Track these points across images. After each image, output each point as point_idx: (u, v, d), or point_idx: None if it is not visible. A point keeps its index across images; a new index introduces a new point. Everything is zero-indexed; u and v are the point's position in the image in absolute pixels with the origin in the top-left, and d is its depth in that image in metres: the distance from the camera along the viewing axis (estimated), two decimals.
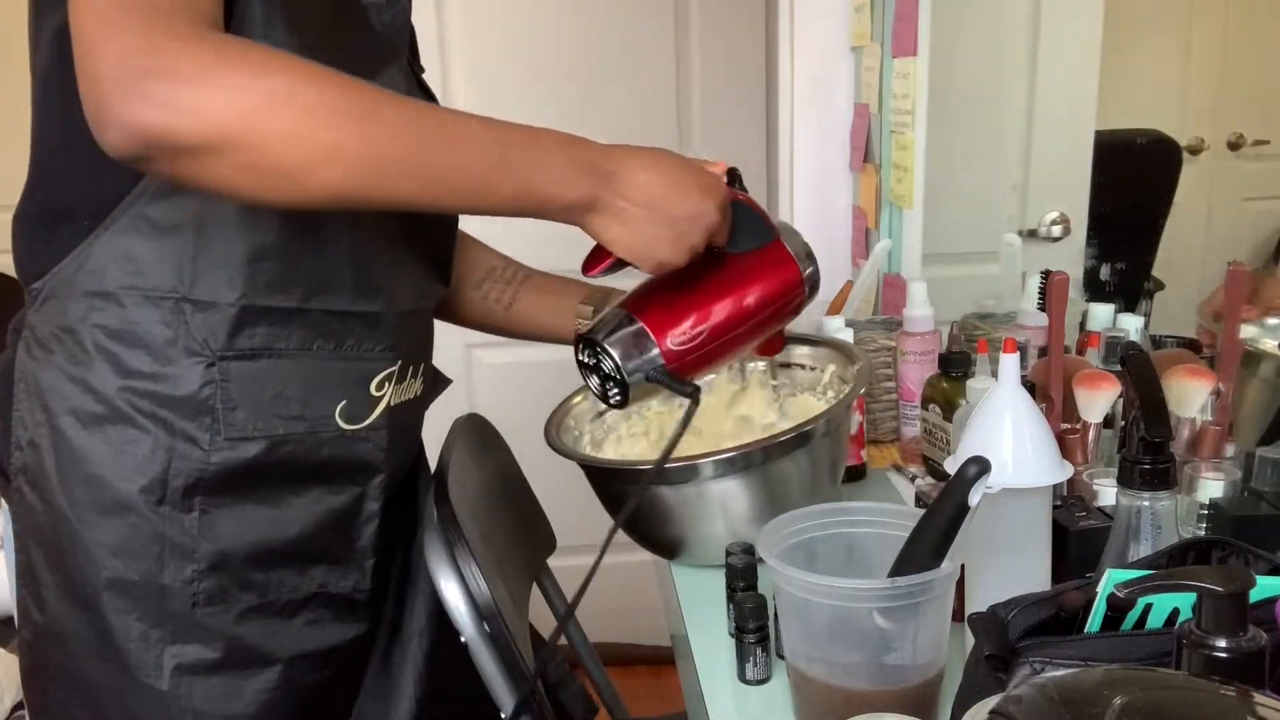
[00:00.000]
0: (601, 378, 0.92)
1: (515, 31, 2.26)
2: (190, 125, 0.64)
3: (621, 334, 0.90)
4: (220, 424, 0.82)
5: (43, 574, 0.84)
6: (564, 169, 0.79)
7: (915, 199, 1.59)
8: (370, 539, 0.91)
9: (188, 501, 0.82)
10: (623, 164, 0.81)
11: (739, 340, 0.94)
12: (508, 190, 0.76)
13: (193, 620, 0.83)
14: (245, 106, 0.65)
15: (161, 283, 0.80)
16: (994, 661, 0.65)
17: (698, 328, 0.90)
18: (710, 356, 0.93)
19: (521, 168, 0.77)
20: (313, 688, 0.90)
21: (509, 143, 0.76)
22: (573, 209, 0.80)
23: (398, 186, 0.72)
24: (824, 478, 1.08)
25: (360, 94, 0.70)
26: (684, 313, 0.91)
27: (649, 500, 1.06)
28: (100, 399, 0.81)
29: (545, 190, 0.78)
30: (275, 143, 0.66)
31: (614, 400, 0.92)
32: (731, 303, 0.92)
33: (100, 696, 0.84)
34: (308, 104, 0.67)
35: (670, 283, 0.90)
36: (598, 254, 0.86)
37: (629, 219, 0.82)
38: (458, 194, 0.75)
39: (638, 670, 2.40)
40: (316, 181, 0.68)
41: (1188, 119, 1.71)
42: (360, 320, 0.87)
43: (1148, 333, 1.33)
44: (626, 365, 0.89)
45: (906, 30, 1.57)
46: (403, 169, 0.72)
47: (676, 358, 0.90)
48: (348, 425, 0.88)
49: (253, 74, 0.66)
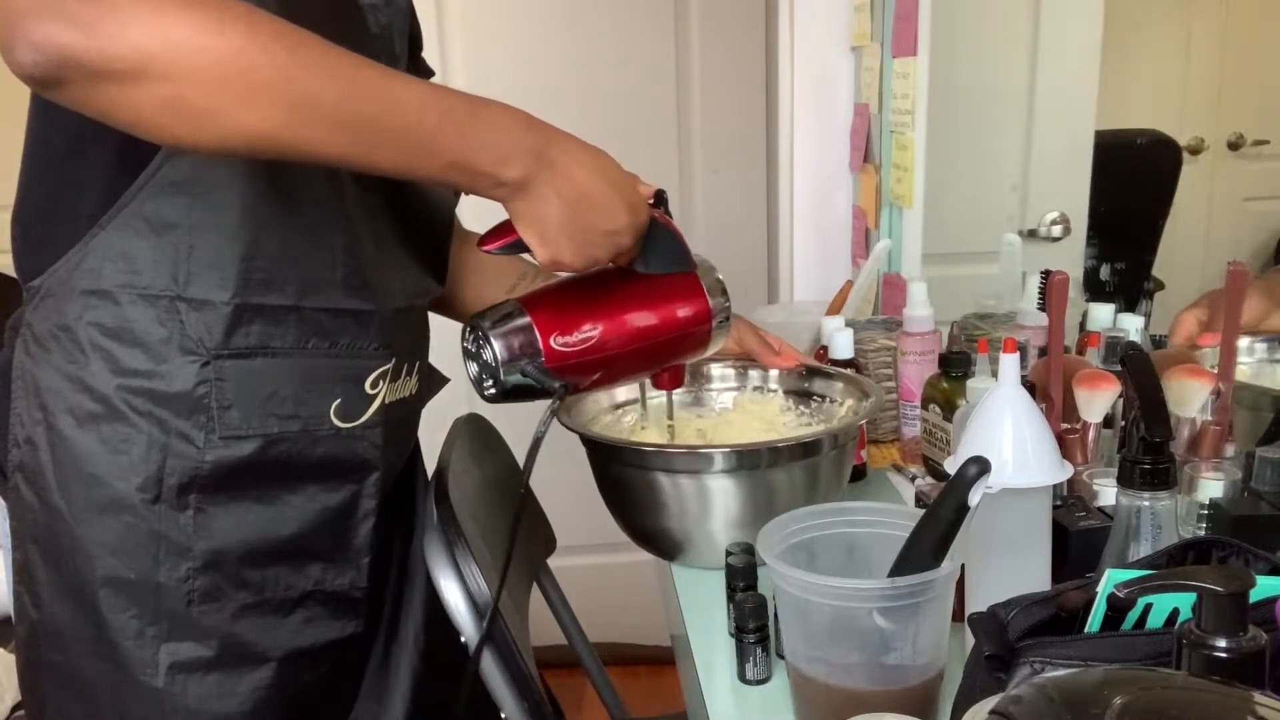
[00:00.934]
0: (480, 365, 0.91)
1: (515, 31, 2.26)
2: (110, 48, 0.62)
3: (507, 325, 0.89)
4: (215, 422, 0.82)
5: (39, 571, 0.84)
6: (506, 147, 0.78)
7: (915, 199, 1.59)
8: (366, 537, 0.91)
9: (183, 499, 0.82)
10: (562, 153, 0.81)
11: (631, 360, 0.94)
12: (443, 159, 0.75)
13: (188, 618, 0.83)
14: (171, 35, 0.63)
15: (156, 281, 0.80)
16: (994, 661, 0.65)
17: (586, 335, 0.90)
18: (593, 368, 0.92)
19: (460, 138, 0.75)
20: (308, 686, 0.90)
21: (452, 110, 0.75)
22: (502, 186, 0.79)
23: (324, 140, 0.70)
24: (823, 493, 1.08)
25: (296, 38, 0.68)
26: (576, 318, 0.90)
27: (643, 489, 1.06)
28: (96, 397, 0.81)
29: (480, 164, 0.77)
30: (200, 76, 0.64)
31: (487, 391, 0.91)
32: (628, 319, 0.91)
33: (96, 694, 0.85)
34: (237, 41, 0.65)
35: (572, 287, 0.90)
36: (501, 230, 0.85)
37: (547, 209, 0.81)
38: (387, 156, 0.73)
39: (638, 670, 2.40)
40: (236, 124, 0.66)
41: (1188, 119, 1.71)
42: (353, 318, 0.87)
43: (1148, 333, 1.33)
44: (504, 356, 0.88)
45: (906, 30, 1.57)
46: (333, 122, 0.69)
47: (557, 359, 0.89)
48: (342, 423, 0.88)
49: (183, 3, 0.64)
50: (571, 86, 2.26)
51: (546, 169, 0.80)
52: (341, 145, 0.71)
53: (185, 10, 0.64)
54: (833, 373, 1.24)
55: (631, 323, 0.92)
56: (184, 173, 0.79)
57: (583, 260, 0.85)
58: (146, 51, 0.63)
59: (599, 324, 0.91)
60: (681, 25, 2.29)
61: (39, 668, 0.87)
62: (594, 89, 2.27)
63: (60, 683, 0.86)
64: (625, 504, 1.12)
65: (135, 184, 0.79)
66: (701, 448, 1.08)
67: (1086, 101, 1.66)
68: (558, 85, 2.25)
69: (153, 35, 0.63)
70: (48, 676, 0.87)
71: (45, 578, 0.84)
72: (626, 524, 1.14)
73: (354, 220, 0.86)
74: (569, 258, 0.84)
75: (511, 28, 2.26)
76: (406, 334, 0.94)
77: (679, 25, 2.29)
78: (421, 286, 0.97)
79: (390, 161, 0.74)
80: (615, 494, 1.12)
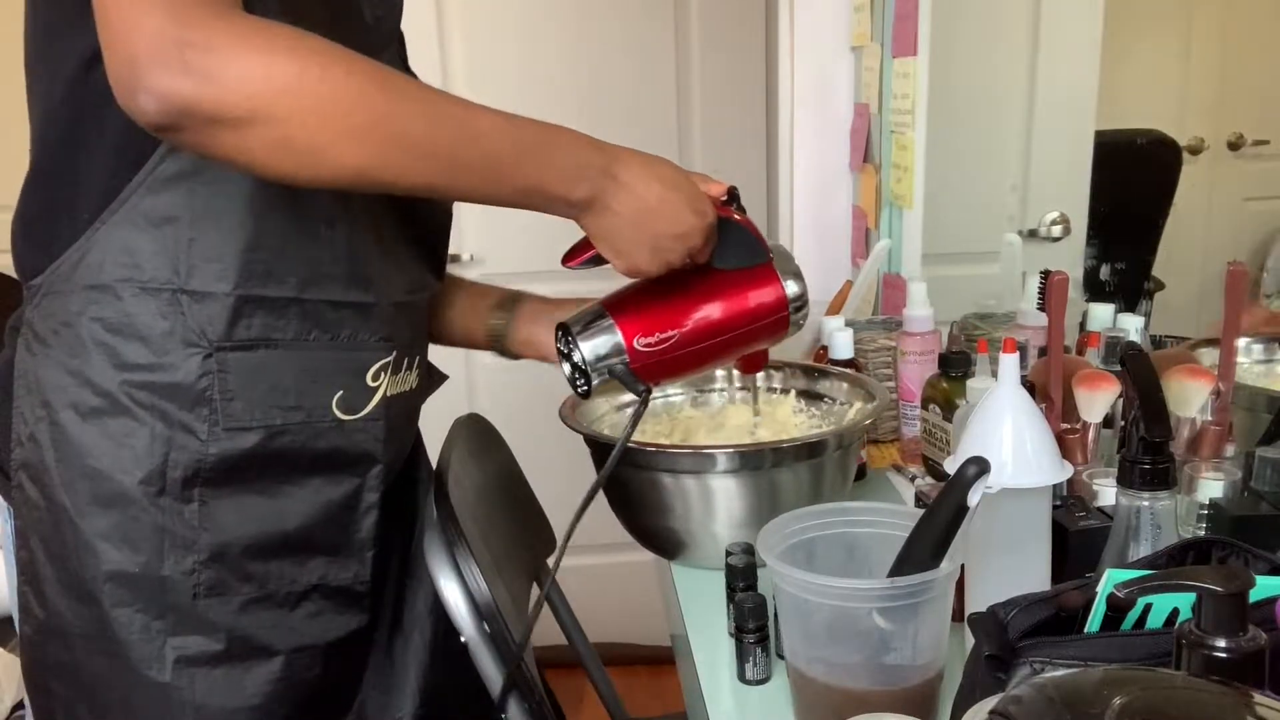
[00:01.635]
0: (572, 366, 0.95)
1: (515, 32, 2.26)
2: (225, 96, 0.66)
3: (594, 329, 0.93)
4: (218, 414, 0.82)
5: (44, 568, 0.84)
6: (574, 169, 0.82)
7: (915, 199, 1.59)
8: (370, 530, 0.92)
9: (187, 493, 0.82)
10: (625, 169, 0.85)
11: (710, 352, 0.96)
12: (517, 184, 0.80)
13: (194, 612, 0.83)
14: (279, 81, 0.67)
15: (158, 274, 0.80)
16: (994, 661, 0.65)
17: (667, 334, 0.94)
18: (677, 364, 0.95)
19: (533, 164, 0.80)
20: (314, 680, 0.90)
21: (524, 138, 0.79)
22: (574, 206, 0.84)
23: (413, 171, 0.75)
24: (828, 493, 1.08)
25: (386, 78, 0.73)
26: (656, 318, 0.94)
27: (650, 488, 1.07)
28: (98, 392, 0.81)
29: (552, 188, 0.81)
30: (305, 118, 0.68)
31: (580, 389, 0.96)
32: (706, 315, 0.94)
33: (102, 690, 0.85)
34: (337, 83, 0.69)
35: (652, 287, 0.93)
36: (582, 247, 0.90)
37: (618, 223, 0.85)
38: (469, 183, 0.78)
39: (638, 670, 2.40)
40: (338, 160, 0.71)
41: (1188, 119, 1.71)
42: (355, 310, 0.87)
43: (1148, 333, 1.33)
44: (592, 359, 0.93)
45: (906, 30, 1.57)
46: (421, 154, 0.74)
47: (642, 359, 0.93)
48: (345, 415, 0.88)
49: (286, 50, 0.68)
50: (571, 87, 2.26)
51: (611, 184, 0.84)
52: (428, 175, 0.76)
53: (291, 58, 0.68)
54: (836, 373, 1.25)
55: (710, 317, 0.95)
56: (184, 166, 0.79)
57: (658, 265, 0.89)
58: (257, 98, 0.67)
59: (679, 322, 0.94)
60: (681, 25, 2.29)
61: (45, 666, 0.87)
62: (594, 89, 2.27)
63: (67, 680, 0.86)
64: (629, 504, 1.12)
65: (136, 179, 0.79)
66: (706, 448, 1.09)
67: (1086, 101, 1.66)
68: (558, 85, 2.25)
69: (263, 83, 0.67)
70: (54, 675, 0.87)
71: (50, 575, 0.84)
72: (630, 523, 1.14)
73: (355, 213, 0.87)
74: (645, 265, 0.88)
75: (511, 28, 2.26)
76: (407, 327, 0.94)
77: (679, 25, 2.29)
78: (421, 281, 0.98)
79: (469, 188, 0.79)
80: (619, 494, 1.12)
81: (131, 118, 0.68)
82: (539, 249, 2.36)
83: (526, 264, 2.43)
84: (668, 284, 0.92)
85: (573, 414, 1.15)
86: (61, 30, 0.78)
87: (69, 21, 0.77)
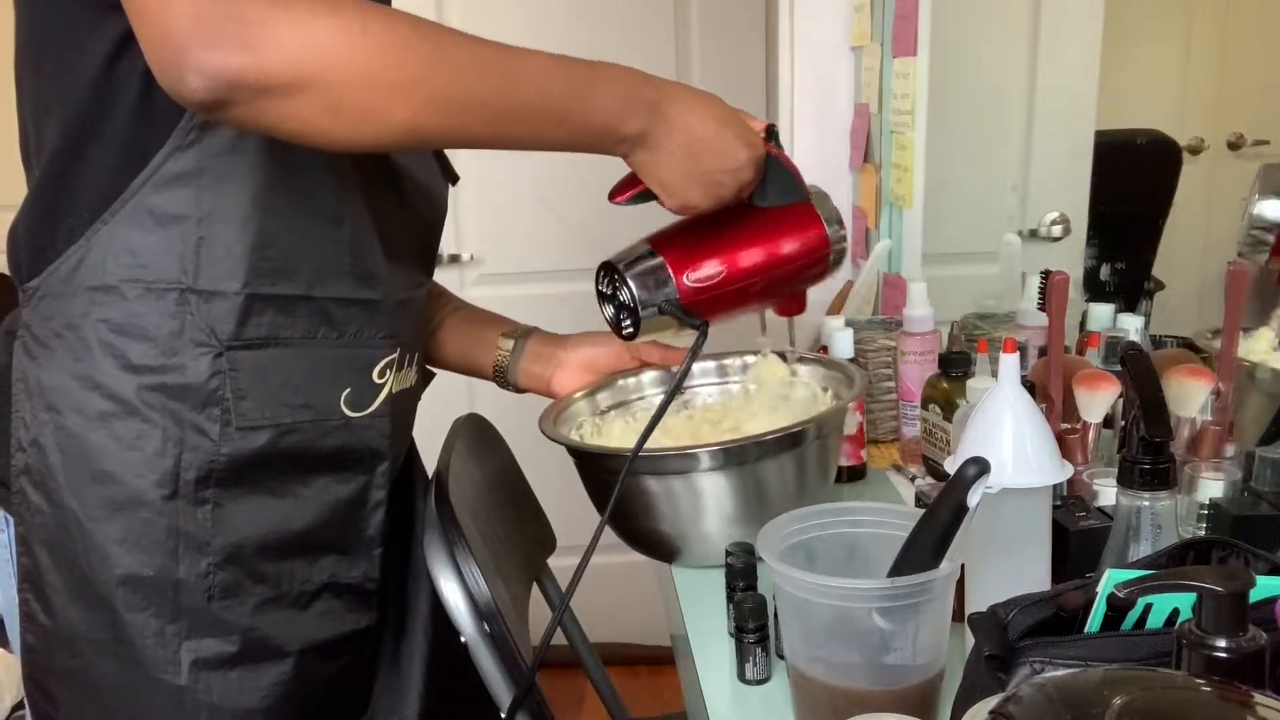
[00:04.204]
0: (616, 307, 0.95)
1: (514, 31, 2.24)
2: (272, 64, 0.66)
3: (642, 266, 0.93)
4: (231, 414, 0.82)
5: (50, 575, 0.83)
6: (622, 104, 0.82)
7: (915, 199, 1.59)
8: (377, 528, 0.92)
9: (200, 494, 0.82)
10: (675, 103, 0.85)
11: (755, 290, 0.96)
12: (571, 124, 0.80)
13: (209, 614, 0.83)
14: (323, 44, 0.67)
15: (165, 274, 0.80)
16: (994, 661, 0.65)
17: (715, 270, 0.93)
18: (724, 301, 0.95)
19: (583, 106, 0.80)
20: (326, 679, 0.90)
21: (572, 78, 0.80)
22: (625, 142, 0.84)
23: (465, 123, 0.75)
24: (813, 481, 1.08)
25: (429, 30, 0.73)
26: (704, 254, 0.94)
27: (634, 494, 1.06)
28: (107, 394, 0.81)
29: (604, 125, 0.82)
30: (352, 78, 0.69)
31: (626, 330, 0.96)
32: (752, 252, 0.94)
33: (112, 697, 0.84)
34: (381, 40, 0.69)
35: (696, 225, 0.93)
36: (628, 182, 0.89)
37: (669, 159, 0.85)
38: (521, 129, 0.79)
39: (638, 670, 2.40)
40: (392, 118, 0.71)
41: (1188, 119, 1.70)
42: (361, 308, 0.87)
43: (1148, 333, 1.33)
44: (642, 296, 0.93)
45: (906, 30, 1.57)
46: (470, 104, 0.74)
47: (691, 295, 0.93)
48: (352, 413, 0.88)
49: (326, 13, 0.68)
50: None
51: (662, 121, 0.84)
52: (480, 126, 0.76)
53: (332, 18, 0.68)
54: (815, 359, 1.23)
55: (755, 255, 0.95)
56: (190, 164, 0.79)
57: (711, 200, 0.89)
58: (303, 62, 0.67)
59: (726, 259, 0.94)
60: (681, 25, 2.29)
61: (50, 674, 0.86)
62: None
63: (74, 687, 0.85)
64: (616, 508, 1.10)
65: (139, 178, 0.79)
66: (689, 448, 1.08)
67: (1086, 101, 1.66)
68: None
69: (306, 47, 0.67)
70: (59, 682, 0.86)
71: (57, 582, 0.83)
72: (619, 527, 1.14)
73: (360, 210, 0.87)
74: (697, 199, 0.88)
75: (511, 27, 2.24)
76: (409, 325, 0.95)
77: (679, 25, 2.29)
78: (415, 279, 0.98)
79: (523, 134, 0.79)
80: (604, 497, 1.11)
81: (181, 103, 0.68)
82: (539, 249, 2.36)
83: (527, 264, 2.44)
84: (711, 222, 0.92)
85: (554, 425, 1.14)
86: (73, 30, 0.78)
87: (84, 20, 0.76)
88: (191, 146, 0.78)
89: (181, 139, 0.78)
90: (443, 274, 2.38)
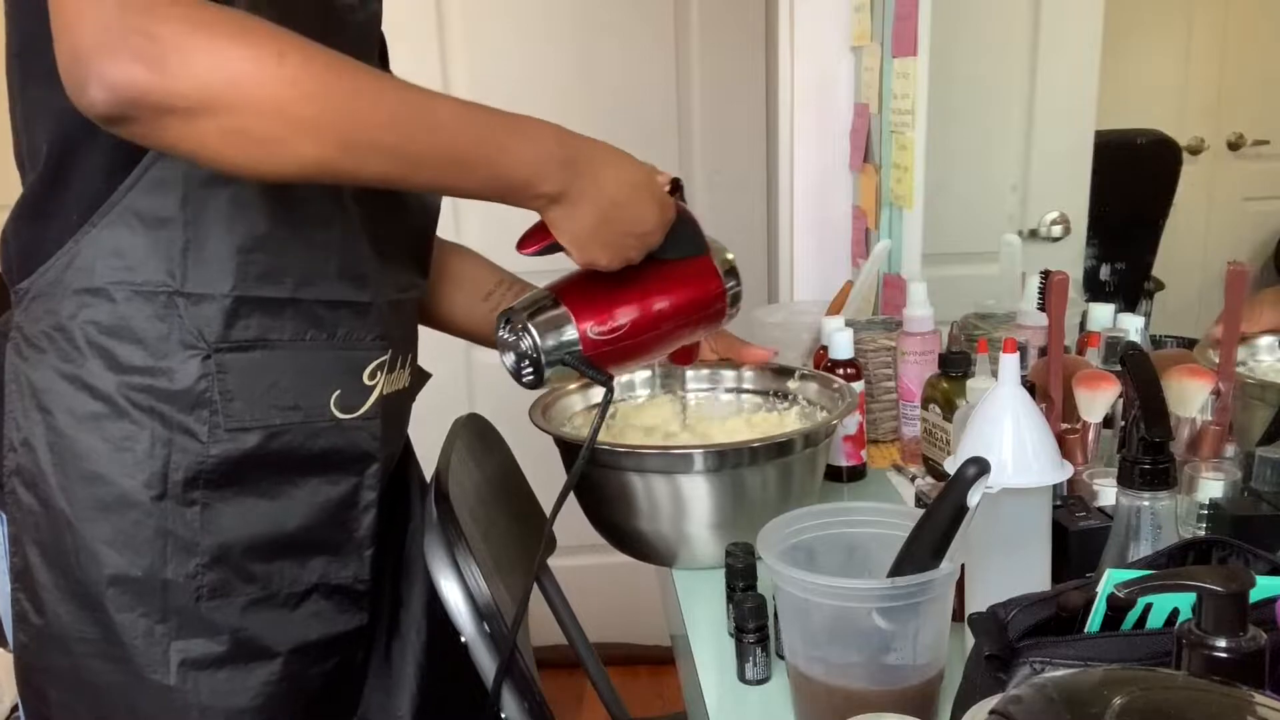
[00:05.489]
0: (518, 355, 0.95)
1: (515, 32, 2.25)
2: (177, 85, 0.64)
3: (544, 316, 0.93)
4: (219, 415, 0.82)
5: (41, 575, 0.84)
6: (541, 161, 0.81)
7: (915, 199, 1.59)
8: (368, 529, 0.92)
9: (189, 495, 0.82)
10: (594, 164, 0.84)
11: (655, 341, 0.98)
12: (480, 177, 0.79)
13: (198, 614, 0.83)
14: (234, 70, 0.66)
15: (153, 276, 0.80)
16: (994, 661, 0.65)
17: (618, 322, 0.94)
18: (625, 352, 0.96)
19: (498, 157, 0.79)
20: (316, 679, 0.90)
21: (487, 130, 0.78)
22: (538, 199, 0.83)
23: (373, 163, 0.73)
24: (796, 493, 1.08)
25: (345, 67, 0.71)
26: (607, 306, 0.94)
27: (620, 492, 1.06)
28: (96, 396, 0.81)
29: (517, 179, 0.81)
30: (260, 107, 0.67)
31: (526, 379, 0.95)
32: (654, 304, 0.95)
33: (104, 696, 0.84)
34: (295, 73, 0.67)
35: (600, 275, 0.93)
36: (537, 234, 0.89)
37: (581, 217, 0.85)
38: (431, 175, 0.77)
39: (638, 670, 2.40)
40: (294, 152, 0.69)
41: (1188, 119, 1.71)
42: (351, 309, 0.87)
43: (1148, 333, 1.33)
44: (544, 346, 0.92)
45: (906, 30, 1.57)
46: (380, 147, 0.73)
47: (593, 347, 0.93)
48: (343, 414, 0.88)
49: (242, 38, 0.67)
50: (571, 87, 2.26)
51: (579, 180, 0.83)
52: (387, 167, 0.74)
53: (246, 44, 0.66)
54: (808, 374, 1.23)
55: (656, 307, 0.96)
56: (178, 168, 0.79)
57: (617, 261, 0.90)
58: (211, 86, 0.65)
59: (628, 311, 0.95)
60: (681, 25, 2.29)
61: (42, 673, 0.86)
62: (594, 89, 2.27)
63: (65, 686, 0.86)
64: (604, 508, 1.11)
65: (127, 180, 0.79)
66: (675, 448, 1.08)
67: (1086, 101, 1.66)
68: (558, 85, 2.25)
69: (216, 70, 0.65)
70: (52, 681, 0.86)
71: (48, 581, 0.84)
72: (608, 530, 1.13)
73: (349, 212, 0.87)
74: (604, 260, 0.89)
75: (511, 28, 2.25)
76: (400, 326, 0.95)
77: (679, 25, 2.29)
78: (408, 280, 0.98)
79: (431, 179, 0.78)
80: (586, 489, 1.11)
81: (83, 112, 0.66)
82: None
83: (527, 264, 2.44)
84: (615, 273, 0.92)
85: (543, 415, 1.14)
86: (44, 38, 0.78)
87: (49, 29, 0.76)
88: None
89: None
90: None
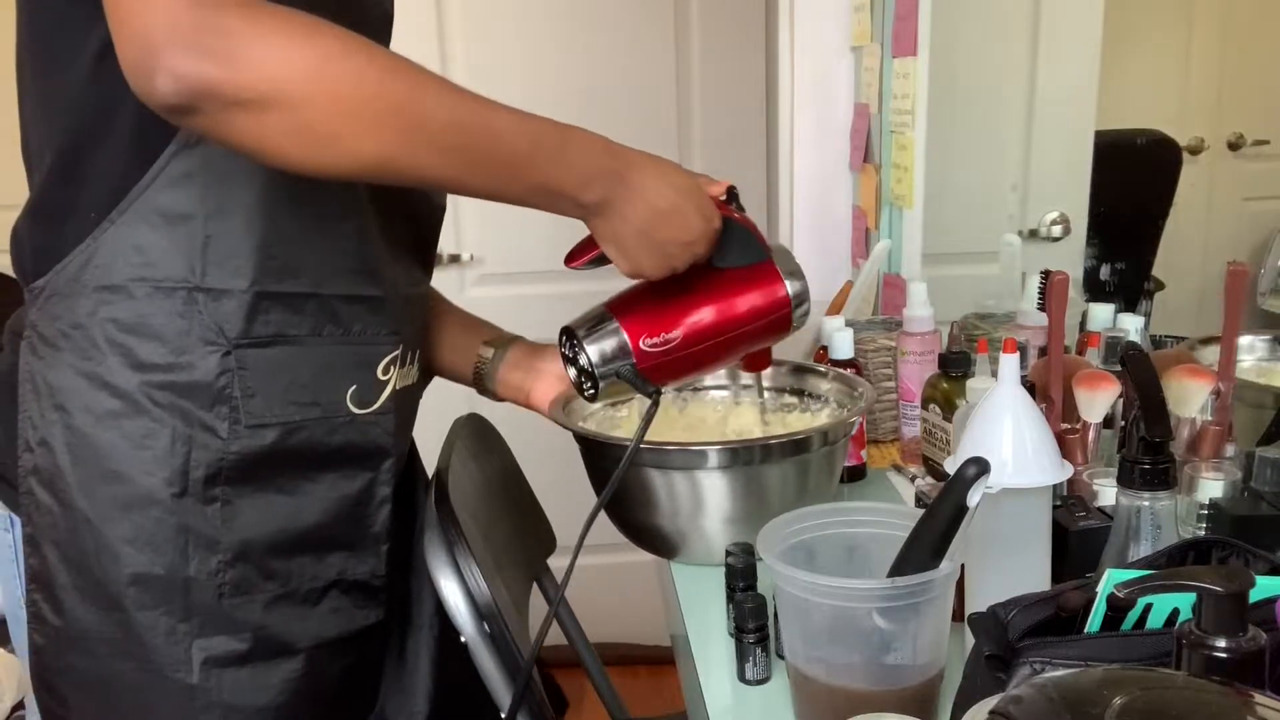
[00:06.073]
0: (577, 370, 0.96)
1: (515, 32, 2.26)
2: (244, 78, 0.66)
3: (599, 332, 0.94)
4: (239, 411, 0.82)
5: (60, 575, 0.83)
6: (587, 171, 0.82)
7: (915, 199, 1.59)
8: (384, 524, 0.92)
9: (209, 492, 0.82)
10: (639, 174, 0.85)
11: (714, 351, 0.97)
12: (531, 182, 0.80)
13: (220, 612, 0.83)
14: (299, 65, 0.67)
15: (173, 273, 0.80)
16: (994, 661, 0.65)
17: (671, 335, 0.94)
18: (683, 364, 0.96)
19: (548, 164, 0.80)
20: (336, 676, 0.91)
21: (540, 138, 0.79)
22: (584, 208, 0.84)
23: (431, 164, 0.74)
24: (813, 490, 1.08)
25: (408, 69, 0.72)
26: (660, 319, 0.94)
27: (639, 488, 1.06)
28: (116, 393, 0.81)
29: (565, 189, 0.81)
30: (325, 104, 0.68)
31: (587, 392, 0.96)
32: (709, 315, 0.95)
33: (124, 697, 0.84)
34: (359, 71, 0.69)
35: (655, 288, 0.93)
36: (585, 247, 0.90)
37: (626, 227, 0.86)
38: (484, 179, 0.78)
39: (638, 670, 2.40)
40: (356, 149, 0.70)
41: (1188, 119, 1.71)
42: (366, 305, 0.88)
43: (1148, 333, 1.33)
44: (598, 362, 0.93)
45: (906, 30, 1.57)
46: (440, 147, 0.74)
47: (648, 360, 0.94)
48: (358, 409, 0.88)
49: (306, 35, 0.68)
50: (572, 87, 2.26)
51: (623, 189, 0.84)
52: (442, 169, 0.75)
53: (313, 41, 0.68)
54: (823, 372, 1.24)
55: (713, 317, 0.95)
56: (196, 163, 0.79)
57: (663, 270, 0.90)
58: (278, 82, 0.66)
59: (683, 322, 0.95)
60: (681, 25, 2.29)
61: (60, 675, 0.86)
62: (594, 89, 2.26)
63: (84, 687, 0.85)
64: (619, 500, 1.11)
65: (146, 177, 0.79)
66: (694, 445, 1.09)
67: (1086, 101, 1.66)
68: (558, 85, 2.25)
69: (284, 66, 0.66)
70: (70, 682, 0.86)
71: (67, 582, 0.83)
72: (621, 521, 1.14)
73: (364, 208, 0.87)
74: (649, 269, 0.89)
75: (511, 28, 2.25)
76: (411, 321, 0.95)
77: (679, 25, 2.29)
78: (417, 276, 0.99)
79: (482, 183, 0.78)
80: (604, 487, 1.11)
81: (145, 101, 0.67)
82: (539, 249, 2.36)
83: (527, 264, 2.44)
84: (670, 284, 0.93)
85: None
86: (64, 30, 0.78)
87: (72, 20, 0.76)
88: (197, 145, 0.78)
89: (187, 137, 0.78)
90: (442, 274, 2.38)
